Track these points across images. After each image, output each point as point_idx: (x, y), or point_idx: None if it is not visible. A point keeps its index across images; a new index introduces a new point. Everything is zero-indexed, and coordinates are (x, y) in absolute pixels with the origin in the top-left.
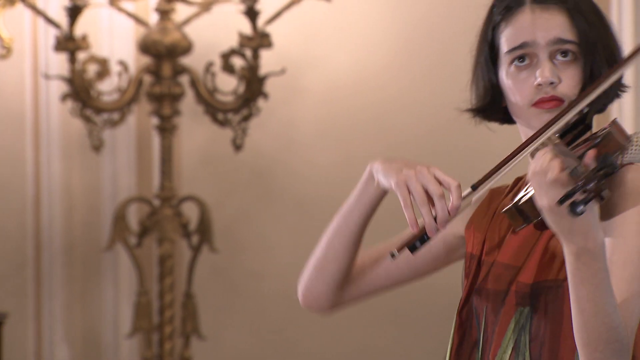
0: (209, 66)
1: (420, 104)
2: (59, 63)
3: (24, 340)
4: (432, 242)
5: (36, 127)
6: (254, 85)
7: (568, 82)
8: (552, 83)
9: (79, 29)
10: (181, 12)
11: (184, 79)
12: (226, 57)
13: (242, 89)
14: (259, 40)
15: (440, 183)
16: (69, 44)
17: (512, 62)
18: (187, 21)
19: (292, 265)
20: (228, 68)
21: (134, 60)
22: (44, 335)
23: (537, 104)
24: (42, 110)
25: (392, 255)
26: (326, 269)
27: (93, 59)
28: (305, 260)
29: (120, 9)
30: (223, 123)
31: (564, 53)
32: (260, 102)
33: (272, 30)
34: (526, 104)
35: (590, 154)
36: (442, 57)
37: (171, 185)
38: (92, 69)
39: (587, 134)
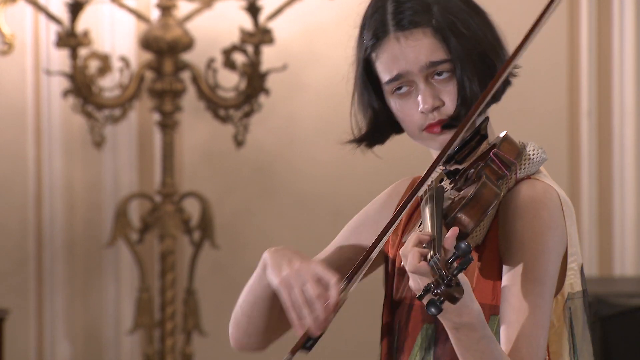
0: (210, 62)
1: None
2: (60, 59)
3: (26, 337)
4: (322, 336)
5: (37, 123)
6: (255, 81)
7: (450, 100)
8: (435, 108)
9: (81, 25)
10: (182, 8)
11: (186, 75)
12: (227, 53)
13: (243, 85)
14: (260, 37)
15: (319, 280)
16: (70, 40)
17: (393, 92)
18: (188, 17)
19: None
20: (229, 64)
21: (136, 56)
22: (45, 332)
23: (427, 129)
24: (44, 106)
25: None
26: (245, 328)
27: (94, 55)
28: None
29: (122, 5)
30: (224, 119)
31: (439, 73)
32: (262, 98)
33: (274, 26)
34: (417, 130)
35: (450, 236)
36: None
37: (172, 181)
38: (93, 65)
39: (483, 145)
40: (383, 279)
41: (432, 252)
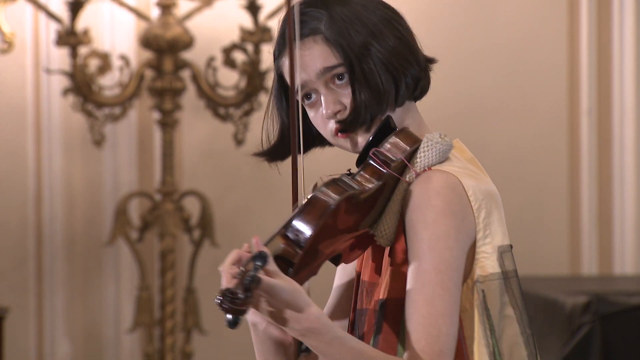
0: (210, 61)
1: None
2: (60, 58)
3: (25, 335)
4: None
5: (37, 121)
6: (255, 79)
7: (349, 103)
8: (336, 113)
9: (81, 24)
10: (182, 6)
11: (186, 74)
12: (227, 51)
13: (243, 83)
14: (260, 35)
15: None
16: (70, 38)
17: (303, 100)
18: (188, 16)
19: None
20: (229, 63)
21: (136, 54)
22: (45, 330)
23: (336, 133)
24: (44, 104)
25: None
26: None
27: (94, 53)
28: None
29: (122, 4)
30: (224, 118)
31: (340, 77)
32: (262, 97)
33: (274, 24)
34: (330, 136)
35: (255, 242)
36: (442, 53)
37: (172, 180)
38: (93, 64)
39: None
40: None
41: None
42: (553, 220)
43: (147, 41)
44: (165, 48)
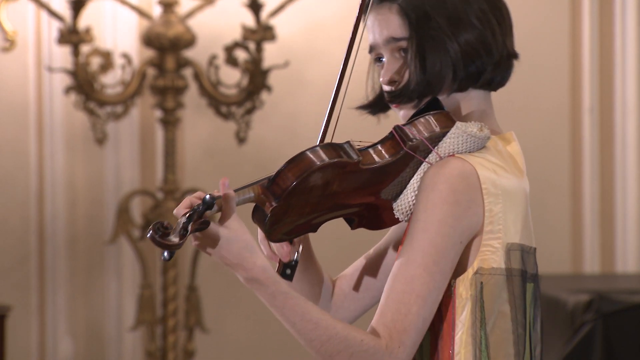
0: (212, 59)
1: None
2: (62, 56)
3: (28, 333)
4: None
5: (40, 120)
6: (257, 78)
7: (406, 76)
8: (391, 82)
9: (83, 22)
10: (185, 4)
11: (188, 72)
12: (229, 50)
13: (245, 82)
14: (262, 33)
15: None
16: (72, 36)
17: (375, 63)
18: (190, 14)
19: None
20: (231, 61)
21: (138, 53)
22: (47, 328)
23: (387, 100)
24: (46, 103)
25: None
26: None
27: (96, 51)
28: None
29: (124, 2)
30: (226, 116)
31: (403, 49)
32: (264, 95)
33: (276, 23)
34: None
35: (221, 183)
36: None
37: (174, 178)
38: (95, 62)
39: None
40: None
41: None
42: (555, 218)
43: (149, 39)
44: (167, 46)
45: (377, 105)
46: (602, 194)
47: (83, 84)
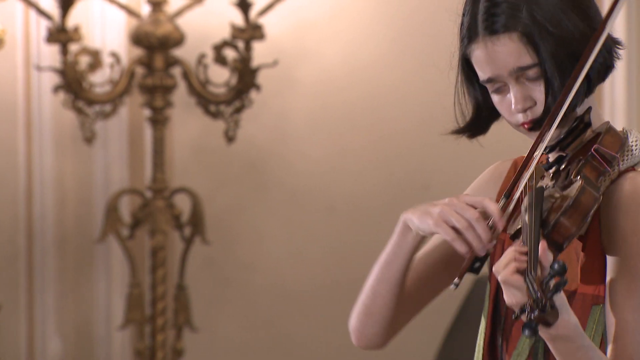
0: (201, 58)
1: (412, 95)
2: (51, 55)
3: (16, 333)
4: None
5: (28, 119)
6: (246, 77)
7: (541, 100)
8: (527, 109)
9: (71, 21)
10: (173, 3)
11: (176, 71)
12: (218, 48)
13: (234, 80)
14: (251, 32)
15: (472, 206)
16: (61, 35)
17: (490, 88)
18: (179, 13)
19: (285, 257)
20: (220, 60)
21: (126, 52)
22: (36, 328)
23: (521, 125)
24: (34, 102)
25: (456, 285)
26: (377, 314)
27: (85, 50)
28: (296, 253)
29: (112, 1)
30: (215, 115)
31: (530, 74)
32: (253, 94)
33: (265, 21)
34: (514, 125)
35: (542, 251)
36: (434, 49)
37: (163, 177)
38: (84, 61)
39: (588, 133)
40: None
41: (528, 268)
42: None
43: (137, 38)
44: (155, 45)
45: (476, 127)
46: None
47: (72, 82)
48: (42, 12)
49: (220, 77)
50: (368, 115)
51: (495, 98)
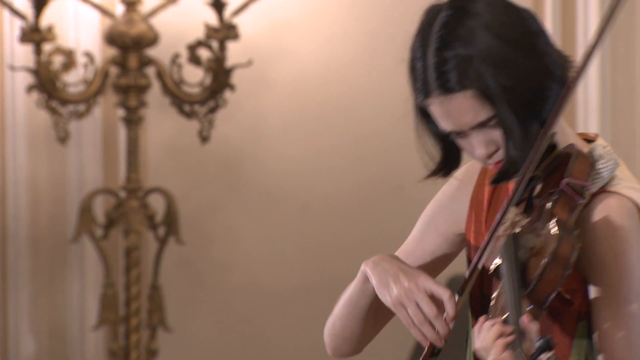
0: (175, 58)
1: (387, 95)
2: (24, 54)
3: None
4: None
5: (2, 118)
6: (220, 77)
7: (503, 144)
8: (490, 154)
9: (45, 20)
10: (147, 3)
11: (150, 71)
12: (192, 48)
13: (208, 80)
14: (225, 32)
15: (432, 296)
16: (34, 35)
17: (451, 135)
18: (153, 12)
19: (260, 257)
20: (194, 60)
21: (100, 51)
22: (9, 327)
23: (489, 166)
24: (8, 101)
25: None
26: (347, 338)
27: (59, 50)
28: (271, 253)
29: (86, 0)
30: (189, 115)
31: (489, 124)
32: (227, 94)
33: (239, 21)
34: (481, 163)
35: (526, 323)
36: (408, 49)
37: (137, 177)
38: (57, 61)
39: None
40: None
41: (514, 343)
42: None
43: (111, 38)
44: (129, 45)
45: (449, 163)
46: None
47: (45, 82)
48: (15, 12)
49: (194, 77)
50: (343, 115)
51: (459, 142)
